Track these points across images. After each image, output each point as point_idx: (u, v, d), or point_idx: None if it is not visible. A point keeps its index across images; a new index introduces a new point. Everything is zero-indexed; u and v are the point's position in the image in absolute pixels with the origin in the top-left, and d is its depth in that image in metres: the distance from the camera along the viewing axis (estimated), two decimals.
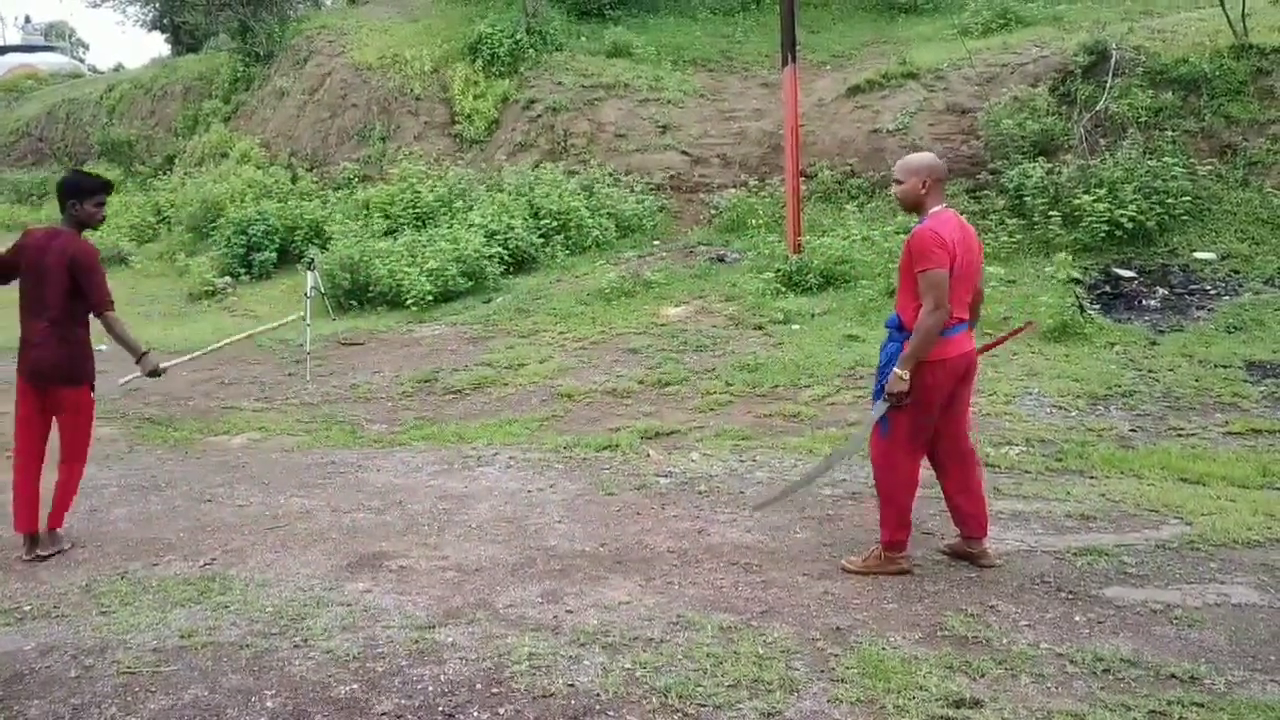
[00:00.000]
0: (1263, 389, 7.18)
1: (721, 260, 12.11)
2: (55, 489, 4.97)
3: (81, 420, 5.05)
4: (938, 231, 4.04)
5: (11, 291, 5.03)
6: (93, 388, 5.06)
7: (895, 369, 4.11)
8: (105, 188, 4.99)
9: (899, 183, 4.29)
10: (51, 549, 4.93)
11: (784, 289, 10.60)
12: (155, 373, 5.14)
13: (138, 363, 5.09)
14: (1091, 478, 5.73)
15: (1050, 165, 11.07)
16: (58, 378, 4.89)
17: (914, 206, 4.26)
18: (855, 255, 10.67)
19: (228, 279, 14.89)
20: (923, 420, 4.24)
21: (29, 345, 4.88)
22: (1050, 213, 10.49)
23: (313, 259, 11.43)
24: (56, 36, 56.55)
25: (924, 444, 4.35)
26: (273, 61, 21.39)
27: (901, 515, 4.34)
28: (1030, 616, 3.86)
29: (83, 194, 4.87)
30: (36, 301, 4.84)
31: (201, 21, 24.07)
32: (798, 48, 11.19)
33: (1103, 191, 10.32)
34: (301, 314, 9.78)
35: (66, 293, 4.79)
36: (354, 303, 12.86)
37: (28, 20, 59.44)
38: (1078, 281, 9.57)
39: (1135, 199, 10.16)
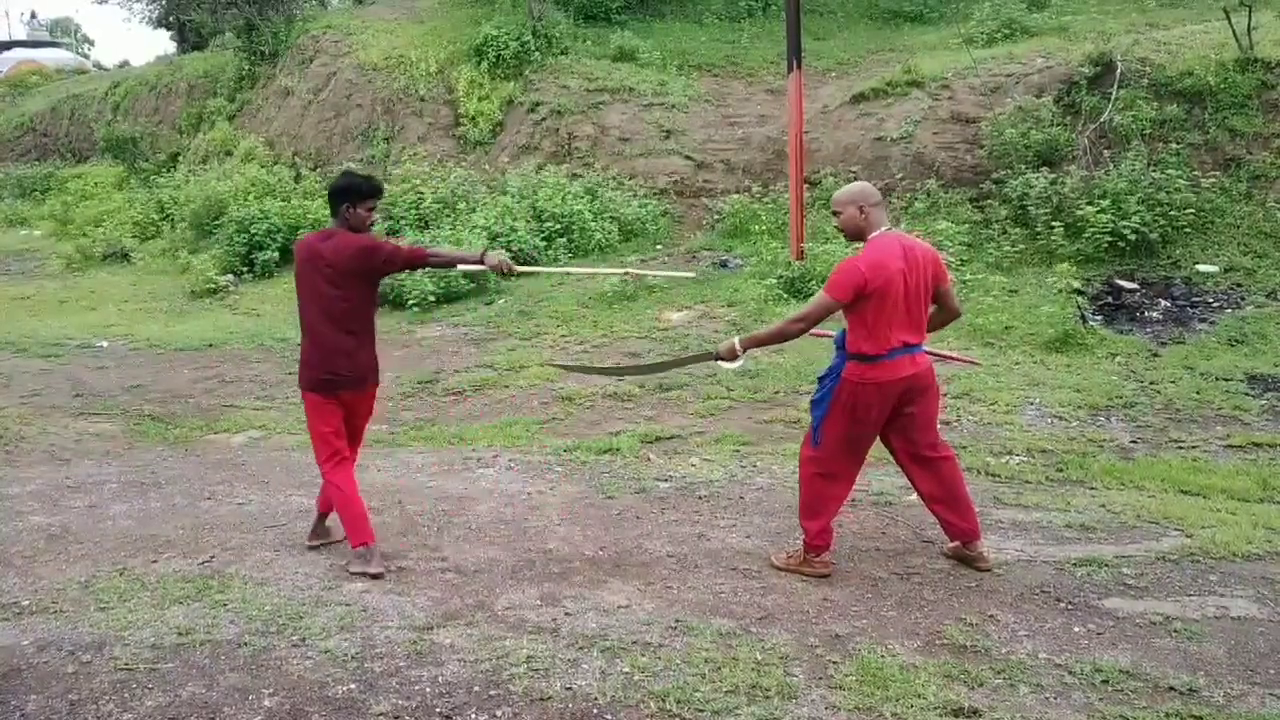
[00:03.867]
0: (1264, 402, 7.18)
1: (724, 265, 12.12)
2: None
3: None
4: (859, 266, 4.10)
5: (17, 288, 5.02)
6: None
7: (736, 341, 4.38)
8: (377, 192, 4.69)
9: (837, 214, 4.33)
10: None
11: (786, 295, 10.59)
12: (505, 272, 4.75)
13: (481, 262, 4.74)
14: (1092, 488, 5.73)
15: (1054, 175, 11.07)
16: (377, 376, 4.72)
17: (856, 235, 4.30)
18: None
19: (230, 277, 14.89)
20: (849, 439, 4.31)
21: (344, 352, 4.58)
22: (1053, 223, 10.49)
23: None
24: (62, 32, 56.72)
25: (850, 465, 4.40)
26: (278, 61, 21.42)
27: (815, 518, 4.39)
28: (1029, 626, 3.85)
29: (356, 197, 4.59)
30: (328, 308, 4.57)
31: (207, 20, 24.10)
32: (803, 54, 11.21)
33: (1106, 202, 10.32)
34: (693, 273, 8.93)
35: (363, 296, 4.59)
36: None
37: (33, 16, 59.45)
38: (1080, 292, 9.57)
39: (1138, 210, 10.17)
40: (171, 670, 3.57)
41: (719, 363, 4.48)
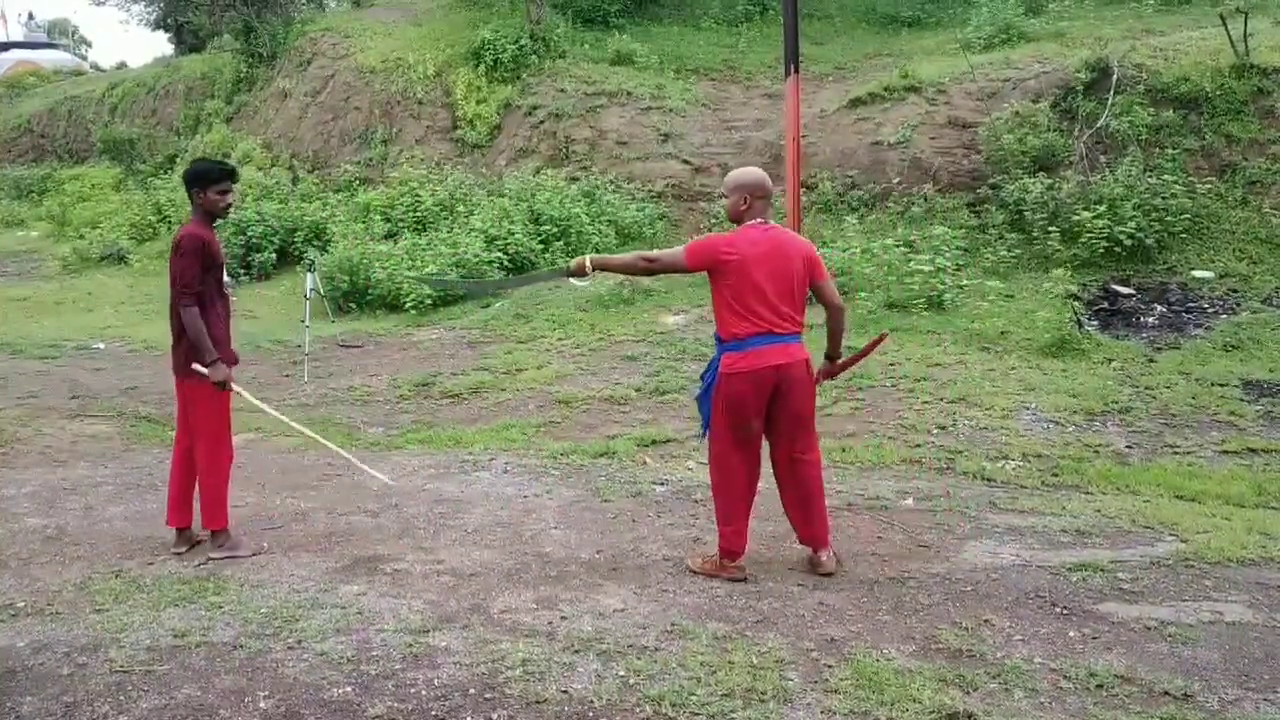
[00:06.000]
0: (1259, 408, 7.19)
1: None
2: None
3: (198, 412, 4.79)
4: (716, 241, 4.34)
5: (13, 289, 5.02)
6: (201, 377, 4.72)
7: (588, 259, 4.52)
8: (228, 175, 4.80)
9: (724, 196, 4.46)
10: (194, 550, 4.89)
11: None
12: (222, 385, 4.72)
13: (205, 366, 4.68)
14: (1087, 493, 5.74)
15: (1050, 181, 11.11)
16: (179, 369, 4.81)
17: (735, 220, 4.42)
18: (855, 267, 10.69)
19: (227, 279, 14.85)
20: (731, 427, 4.33)
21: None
22: (1049, 228, 10.53)
23: (312, 261, 11.43)
24: (59, 34, 56.67)
25: (744, 453, 4.39)
26: (276, 63, 21.44)
27: (729, 519, 4.41)
28: (1024, 631, 3.86)
29: (205, 182, 4.71)
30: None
31: (205, 22, 24.14)
32: (800, 59, 11.22)
33: (1102, 208, 10.35)
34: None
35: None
36: (353, 305, 12.87)
37: (30, 17, 59.53)
38: (1076, 297, 9.60)
39: (1134, 216, 10.20)
40: (167, 672, 3.56)
41: (570, 279, 4.63)
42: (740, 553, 4.44)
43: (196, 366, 4.69)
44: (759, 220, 4.33)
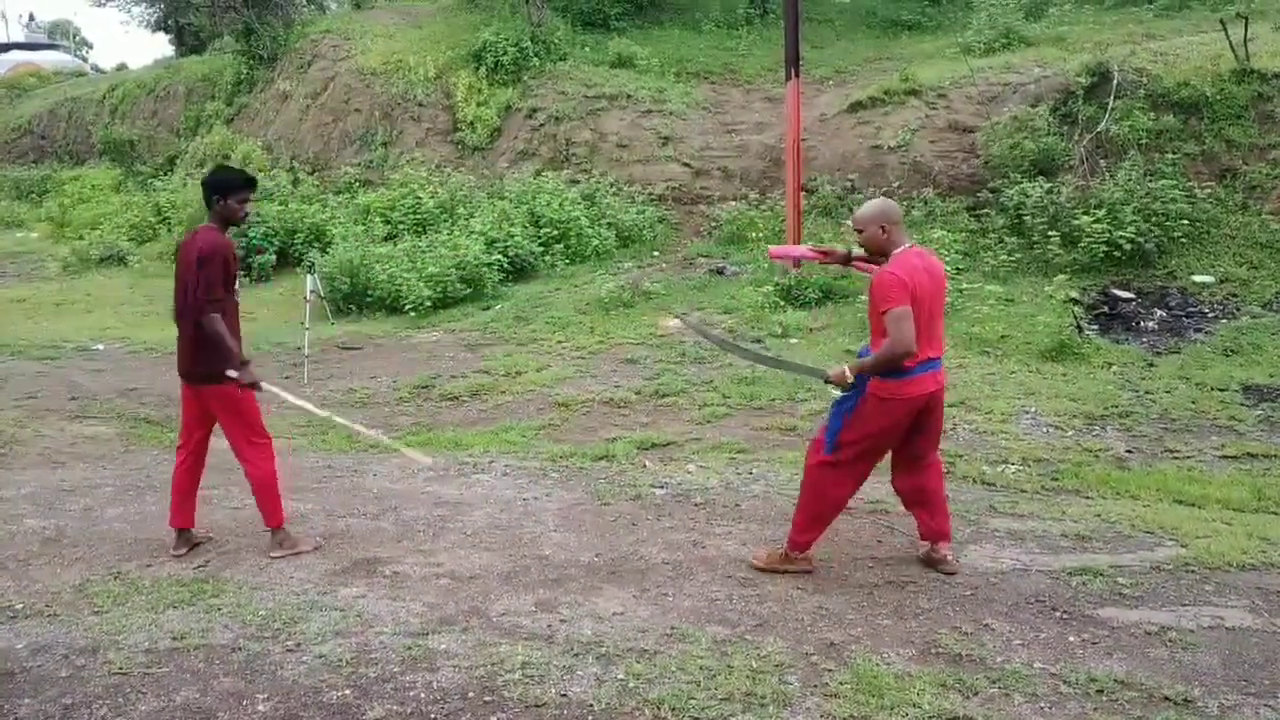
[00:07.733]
0: (1259, 413, 7.19)
1: (721, 273, 12.14)
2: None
3: (228, 417, 4.81)
4: (897, 274, 4.13)
5: (13, 290, 5.02)
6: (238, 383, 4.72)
7: (847, 367, 4.25)
8: (250, 184, 4.83)
9: (859, 232, 4.38)
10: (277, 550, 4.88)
11: (783, 303, 10.62)
12: (254, 385, 4.73)
13: (237, 370, 4.64)
14: (1087, 498, 5.74)
15: (1050, 185, 11.10)
16: (198, 377, 4.76)
17: (878, 251, 4.35)
18: (854, 271, 10.67)
19: None
20: (870, 451, 4.38)
21: (178, 345, 4.82)
22: (1049, 232, 10.52)
23: (312, 263, 11.43)
24: (60, 35, 56.71)
25: (860, 476, 4.46)
26: (276, 64, 21.44)
27: (813, 524, 4.46)
28: (1024, 636, 3.85)
29: (228, 190, 4.70)
30: (178, 301, 4.75)
31: (206, 23, 24.15)
32: (801, 62, 11.24)
33: (1102, 212, 10.35)
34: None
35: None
36: (353, 307, 12.86)
37: (31, 18, 59.59)
38: (1076, 302, 9.59)
39: (1134, 220, 10.19)
40: (166, 675, 3.56)
41: (827, 385, 4.38)
42: (810, 546, 4.51)
43: (230, 372, 4.66)
44: (908, 245, 4.30)
